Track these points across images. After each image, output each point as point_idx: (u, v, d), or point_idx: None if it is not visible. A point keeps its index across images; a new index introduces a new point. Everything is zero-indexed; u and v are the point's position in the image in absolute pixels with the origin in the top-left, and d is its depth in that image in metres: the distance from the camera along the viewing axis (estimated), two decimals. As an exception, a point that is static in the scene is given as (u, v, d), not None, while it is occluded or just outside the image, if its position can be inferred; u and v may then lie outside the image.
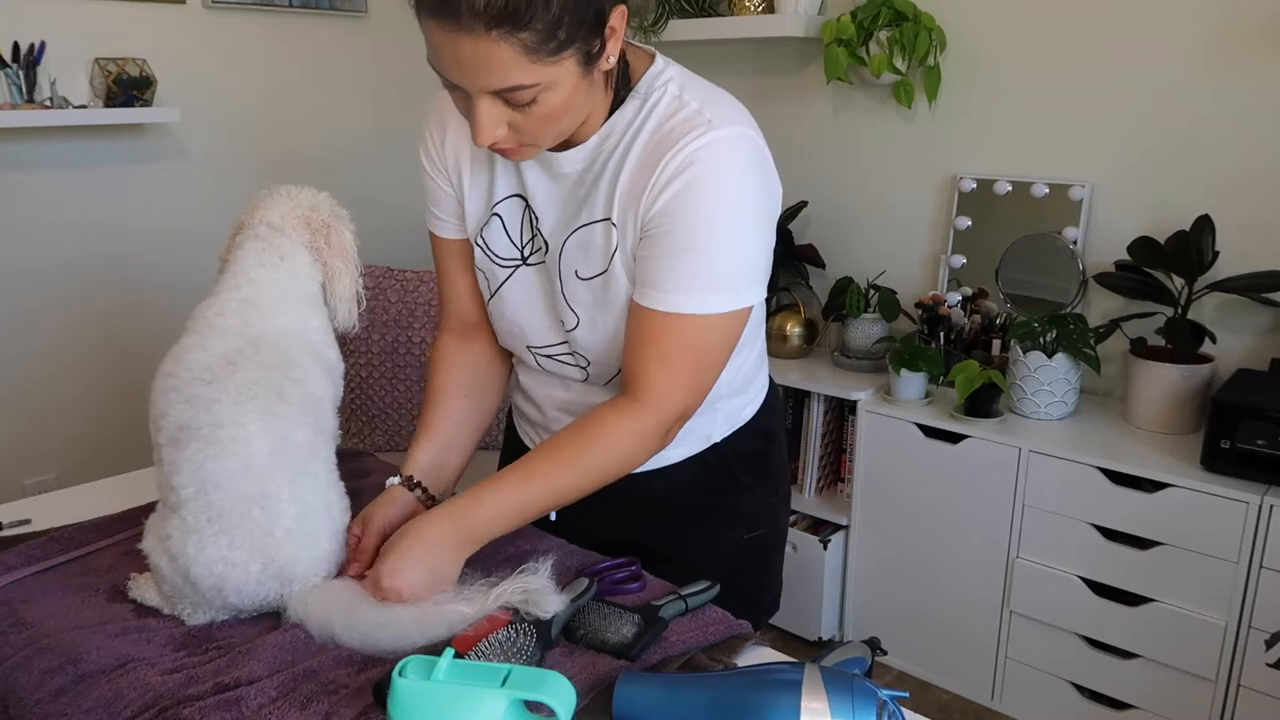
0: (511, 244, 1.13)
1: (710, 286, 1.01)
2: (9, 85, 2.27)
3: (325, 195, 1.18)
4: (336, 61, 2.94)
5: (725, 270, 1.01)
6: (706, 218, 0.99)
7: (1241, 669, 1.95)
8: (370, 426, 2.52)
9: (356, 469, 1.39)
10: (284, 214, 1.12)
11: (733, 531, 1.24)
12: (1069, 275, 2.37)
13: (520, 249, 1.12)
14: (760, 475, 1.27)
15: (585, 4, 0.88)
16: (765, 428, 1.27)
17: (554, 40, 0.88)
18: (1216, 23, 2.13)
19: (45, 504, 1.36)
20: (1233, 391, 1.96)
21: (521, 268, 1.13)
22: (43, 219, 2.47)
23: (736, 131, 0.99)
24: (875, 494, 2.43)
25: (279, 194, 1.14)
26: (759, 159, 1.02)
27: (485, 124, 0.93)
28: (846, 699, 0.77)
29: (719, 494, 1.23)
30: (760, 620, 1.25)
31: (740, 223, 1.01)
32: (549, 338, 1.15)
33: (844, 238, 2.80)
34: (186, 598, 1.00)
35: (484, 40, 0.86)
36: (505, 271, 1.14)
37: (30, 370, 2.51)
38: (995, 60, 2.44)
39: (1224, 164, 2.17)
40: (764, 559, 1.28)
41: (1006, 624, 2.26)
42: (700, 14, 2.78)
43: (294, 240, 1.11)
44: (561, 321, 1.12)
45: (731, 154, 0.99)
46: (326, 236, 1.13)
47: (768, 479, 1.29)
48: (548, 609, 0.94)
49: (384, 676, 0.85)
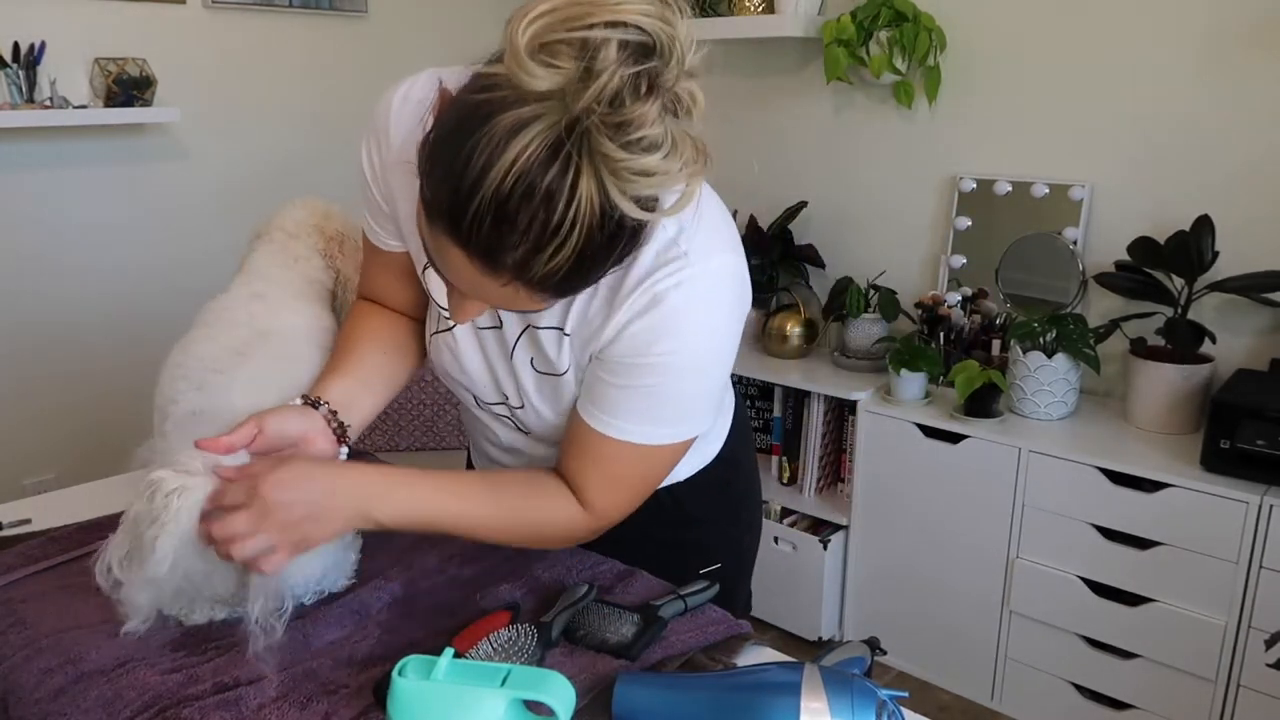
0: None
1: (665, 420, 0.94)
2: (9, 85, 2.27)
3: (339, 207, 1.20)
4: (336, 61, 2.94)
5: (684, 408, 0.95)
6: (670, 365, 0.90)
7: (1241, 669, 1.94)
8: (370, 426, 2.52)
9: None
10: (299, 221, 1.16)
11: (688, 563, 1.16)
12: (1069, 275, 2.37)
13: None
14: (719, 507, 1.19)
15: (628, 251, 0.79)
16: (724, 456, 1.19)
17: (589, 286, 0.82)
18: (1216, 22, 2.13)
19: (45, 504, 1.36)
20: (1233, 391, 1.96)
21: (454, 330, 1.02)
22: (43, 219, 2.47)
23: (714, 265, 0.88)
24: (875, 494, 2.43)
25: (295, 203, 1.18)
26: (732, 291, 0.91)
27: (469, 313, 0.85)
28: (846, 699, 0.77)
29: (670, 528, 1.15)
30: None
31: (705, 367, 0.93)
32: (488, 395, 1.07)
33: (844, 238, 2.80)
34: (184, 593, 1.00)
35: (517, 291, 0.77)
36: (439, 322, 1.04)
37: (30, 370, 2.51)
38: (995, 60, 2.44)
39: (1224, 164, 2.17)
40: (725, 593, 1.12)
41: (1006, 624, 2.26)
42: (700, 14, 2.79)
43: (307, 245, 1.14)
44: (505, 393, 1.04)
45: (703, 295, 0.88)
46: (340, 244, 1.15)
47: (727, 508, 1.21)
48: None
49: (384, 676, 0.84)
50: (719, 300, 0.90)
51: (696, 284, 0.87)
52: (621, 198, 0.72)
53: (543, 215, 0.71)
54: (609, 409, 0.93)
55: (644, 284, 0.87)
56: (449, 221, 0.74)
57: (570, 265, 0.74)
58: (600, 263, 0.77)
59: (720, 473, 1.16)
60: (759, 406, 2.77)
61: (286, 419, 0.95)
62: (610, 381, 0.93)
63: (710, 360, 0.93)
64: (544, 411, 1.02)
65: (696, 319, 0.89)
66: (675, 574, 1.11)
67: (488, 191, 0.71)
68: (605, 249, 0.76)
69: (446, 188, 0.73)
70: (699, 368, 0.92)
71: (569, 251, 0.73)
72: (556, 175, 0.70)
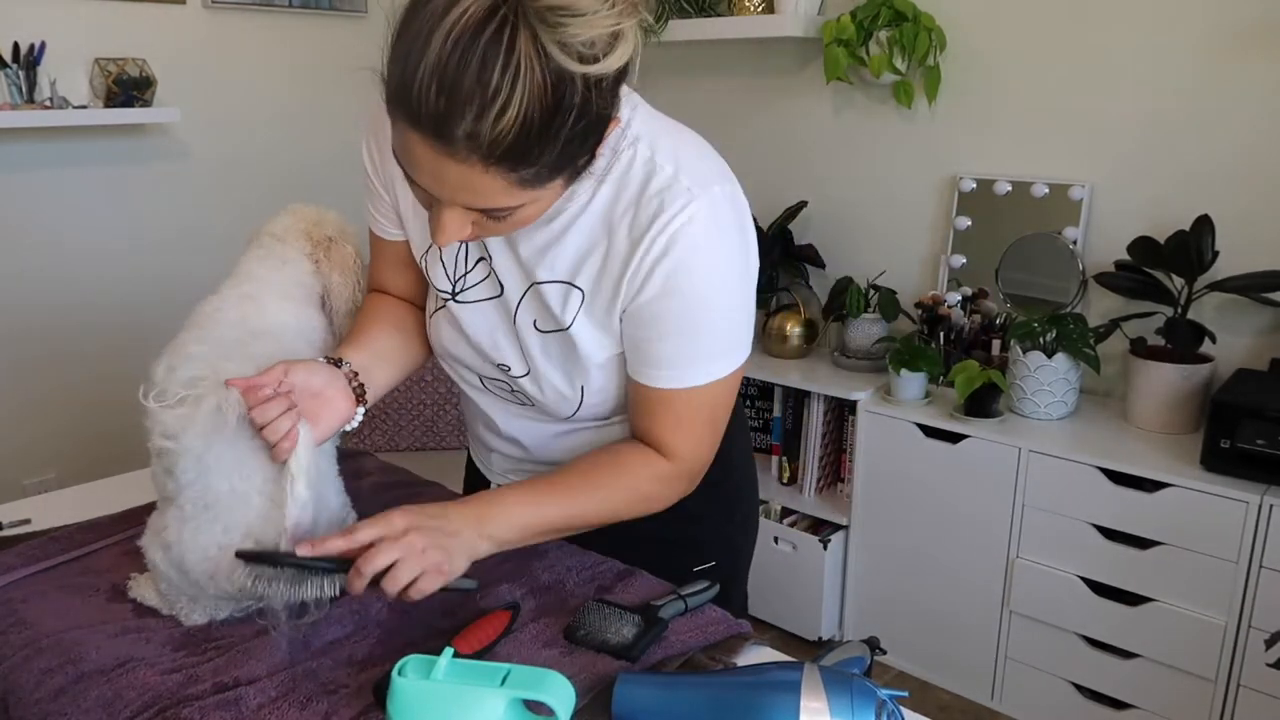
0: (446, 278, 1.07)
1: (711, 356, 0.99)
2: (9, 85, 2.27)
3: (334, 213, 1.21)
4: (336, 61, 2.94)
5: (723, 338, 1.00)
6: (701, 296, 0.96)
7: (1241, 669, 1.95)
8: (370, 426, 2.52)
9: (357, 469, 1.39)
10: (287, 226, 1.16)
11: (683, 560, 1.19)
12: (1069, 275, 2.37)
13: (453, 284, 1.07)
14: (712, 503, 1.20)
15: (585, 135, 0.81)
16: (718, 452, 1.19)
17: (551, 173, 0.82)
18: (1217, 22, 2.13)
19: (45, 504, 1.36)
20: (1232, 391, 1.96)
21: (451, 303, 1.07)
22: (43, 219, 2.47)
23: (716, 193, 0.94)
24: (875, 494, 2.43)
25: (286, 210, 1.19)
26: (738, 215, 0.97)
27: (449, 229, 0.85)
28: (846, 699, 0.77)
29: (663, 525, 1.13)
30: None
31: (732, 291, 0.99)
32: (485, 369, 1.10)
33: (844, 238, 2.80)
34: (183, 593, 1.00)
35: (475, 169, 0.78)
36: (439, 300, 1.10)
37: (30, 370, 2.51)
38: (995, 60, 2.45)
39: (1224, 164, 2.17)
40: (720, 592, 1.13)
41: (1006, 624, 2.26)
42: (700, 14, 2.79)
43: (295, 249, 1.15)
44: (507, 363, 1.06)
45: (715, 223, 0.94)
46: (327, 250, 1.16)
47: (723, 507, 1.23)
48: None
49: (384, 676, 0.85)
50: (730, 224, 0.96)
51: (706, 214, 0.93)
52: (556, 48, 0.75)
53: (484, 76, 0.74)
54: (657, 363, 0.99)
55: (655, 225, 0.92)
56: (400, 102, 0.77)
57: (518, 128, 0.76)
58: (551, 129, 0.78)
59: (712, 470, 1.16)
60: (759, 406, 2.77)
61: (312, 370, 0.99)
62: (651, 335, 0.98)
63: (736, 282, 0.98)
64: (550, 375, 1.04)
65: (714, 246, 0.95)
66: (669, 571, 1.12)
67: (429, 60, 0.74)
68: (553, 113, 0.77)
69: (396, 69, 0.77)
70: (728, 291, 0.98)
71: (514, 112, 0.75)
72: (493, 34, 0.73)
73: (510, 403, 1.12)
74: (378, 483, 1.38)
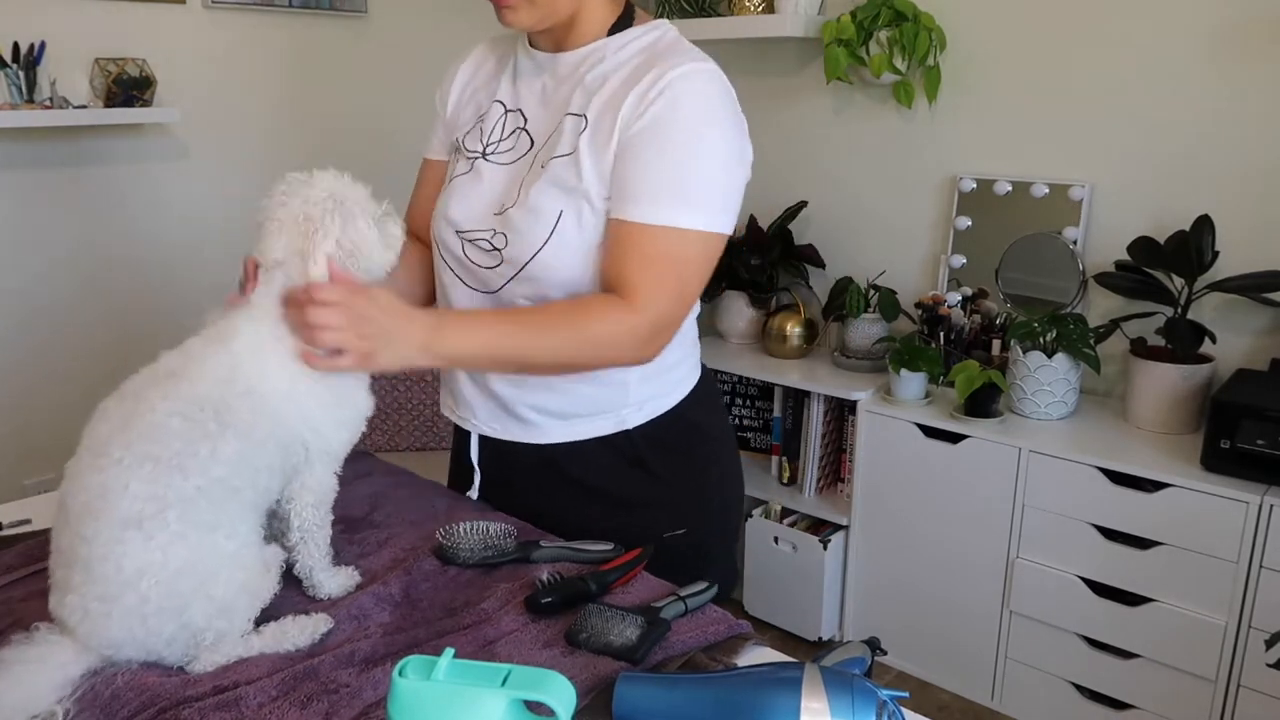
0: (480, 140, 1.20)
1: (688, 200, 1.07)
2: (9, 85, 2.27)
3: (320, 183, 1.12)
4: (336, 61, 2.94)
5: (702, 187, 1.08)
6: (686, 134, 1.07)
7: (1241, 669, 1.95)
8: (370, 426, 2.52)
9: (357, 469, 1.39)
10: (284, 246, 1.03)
11: (653, 525, 1.22)
12: (1069, 275, 2.37)
13: (484, 145, 1.19)
14: (684, 471, 1.24)
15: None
16: (691, 421, 1.25)
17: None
18: (1217, 22, 2.13)
19: (45, 504, 1.36)
20: (1232, 391, 1.96)
21: (479, 160, 1.19)
22: (42, 219, 2.47)
23: (714, 69, 1.11)
24: (875, 494, 2.43)
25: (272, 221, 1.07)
26: (731, 95, 1.12)
27: (521, 14, 1.06)
28: (846, 699, 0.77)
29: (633, 484, 1.22)
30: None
31: (717, 142, 1.09)
32: (478, 223, 1.17)
33: (844, 238, 2.80)
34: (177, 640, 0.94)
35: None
36: (467, 164, 1.20)
37: (30, 370, 2.51)
38: (995, 60, 2.45)
39: (1224, 164, 2.17)
40: (695, 562, 1.17)
41: (1006, 624, 2.26)
42: (700, 14, 2.79)
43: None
44: (501, 202, 1.15)
45: (709, 84, 1.09)
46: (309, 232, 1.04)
47: (694, 476, 1.26)
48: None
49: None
50: (724, 92, 1.11)
51: (704, 76, 1.09)
52: None
53: None
54: (636, 197, 1.07)
55: (656, 70, 1.08)
56: None
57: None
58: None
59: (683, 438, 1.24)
60: (759, 406, 2.77)
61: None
62: (635, 167, 1.07)
63: (720, 137, 1.10)
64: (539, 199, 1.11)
65: (706, 96, 1.09)
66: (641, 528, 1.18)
67: None
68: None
69: None
70: (712, 140, 1.09)
71: None
72: None
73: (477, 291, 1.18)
74: (378, 482, 1.38)
